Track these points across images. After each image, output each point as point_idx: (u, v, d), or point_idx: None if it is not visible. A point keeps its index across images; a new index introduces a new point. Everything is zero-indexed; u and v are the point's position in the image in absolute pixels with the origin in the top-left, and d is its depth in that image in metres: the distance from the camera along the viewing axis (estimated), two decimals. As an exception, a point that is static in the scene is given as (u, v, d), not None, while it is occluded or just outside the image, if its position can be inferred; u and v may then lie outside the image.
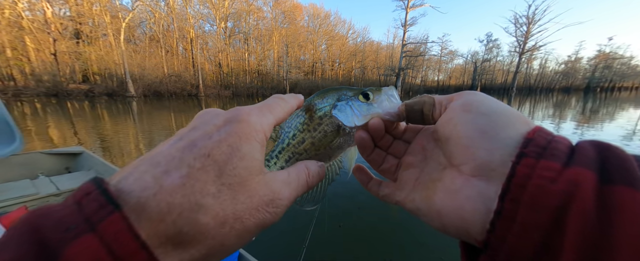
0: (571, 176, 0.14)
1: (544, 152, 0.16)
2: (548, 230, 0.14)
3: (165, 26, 27.03)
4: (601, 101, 19.53)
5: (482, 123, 0.20)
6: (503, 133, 0.19)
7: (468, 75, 52.84)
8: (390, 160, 0.29)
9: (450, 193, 0.20)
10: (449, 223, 0.20)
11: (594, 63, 53.24)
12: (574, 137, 5.65)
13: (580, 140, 0.17)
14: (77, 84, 19.12)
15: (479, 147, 0.19)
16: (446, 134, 0.22)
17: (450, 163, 0.21)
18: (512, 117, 0.20)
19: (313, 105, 0.31)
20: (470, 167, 0.19)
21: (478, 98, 0.21)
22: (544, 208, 0.14)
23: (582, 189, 0.14)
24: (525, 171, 0.16)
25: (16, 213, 1.37)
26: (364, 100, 0.29)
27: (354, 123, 0.29)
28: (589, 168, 0.14)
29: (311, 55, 40.64)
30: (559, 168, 0.15)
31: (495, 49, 48.67)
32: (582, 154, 0.16)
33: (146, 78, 21.90)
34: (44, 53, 18.51)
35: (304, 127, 0.31)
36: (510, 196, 0.16)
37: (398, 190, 0.26)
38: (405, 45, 33.50)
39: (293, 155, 0.31)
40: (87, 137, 5.68)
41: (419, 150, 0.27)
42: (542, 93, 44.84)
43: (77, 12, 20.55)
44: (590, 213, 0.13)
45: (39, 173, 1.98)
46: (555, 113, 11.12)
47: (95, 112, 10.44)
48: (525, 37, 37.62)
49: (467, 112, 0.21)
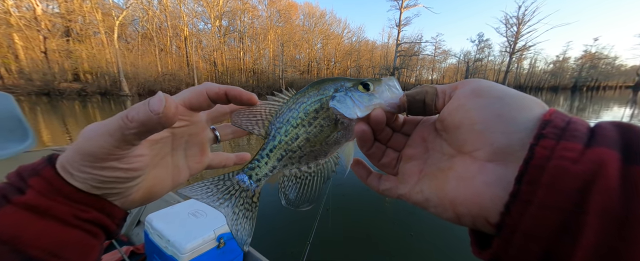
0: (594, 156, 0.14)
1: (564, 133, 0.16)
2: (569, 210, 0.14)
3: (158, 24, 26.51)
4: (588, 100, 20.31)
5: (497, 107, 0.19)
6: (520, 116, 0.18)
7: (461, 75, 53.78)
8: (390, 153, 0.28)
9: (465, 180, 0.19)
10: (464, 212, 0.19)
11: (580, 63, 55.02)
12: None
13: (602, 120, 0.17)
14: (69, 83, 18.61)
15: (495, 131, 0.18)
16: (456, 121, 0.21)
17: (460, 151, 0.21)
18: (526, 99, 0.19)
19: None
20: (487, 152, 0.19)
21: (488, 83, 0.21)
22: (565, 188, 0.14)
23: (607, 168, 0.14)
24: (544, 153, 0.16)
25: None
26: (364, 90, 0.27)
27: (356, 115, 0.27)
28: (612, 148, 0.14)
29: (307, 54, 40.59)
30: (581, 148, 0.15)
31: (487, 48, 49.78)
32: (603, 135, 0.15)
33: (140, 77, 21.52)
34: (34, 51, 17.94)
35: (298, 121, 0.28)
36: (528, 178, 0.16)
37: (401, 183, 0.26)
38: (399, 44, 33.87)
39: (286, 152, 0.29)
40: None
41: (420, 141, 0.26)
42: (531, 92, 46.11)
43: (66, 9, 19.96)
44: (614, 192, 0.13)
45: None
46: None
47: (95, 112, 10.26)
48: (515, 37, 38.59)
49: (480, 97, 0.20)
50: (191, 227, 1.26)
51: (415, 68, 49.89)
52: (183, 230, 1.23)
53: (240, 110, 0.30)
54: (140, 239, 1.60)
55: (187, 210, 1.38)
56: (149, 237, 1.28)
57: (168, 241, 1.20)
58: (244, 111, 0.29)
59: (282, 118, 0.29)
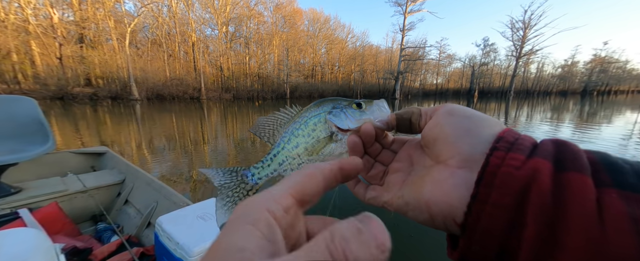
0: (532, 165, 0.18)
1: (512, 146, 0.20)
2: (514, 209, 0.17)
3: (167, 30, 27.33)
4: (598, 104, 19.79)
5: (466, 124, 0.23)
6: (483, 132, 0.22)
7: (466, 79, 53.26)
8: (378, 166, 0.31)
9: (438, 183, 0.22)
10: (437, 212, 0.22)
11: (590, 67, 53.86)
12: (573, 139, 5.82)
13: (546, 138, 0.20)
14: (81, 88, 19.27)
15: (464, 143, 0.22)
16: (434, 136, 0.24)
17: (437, 161, 0.24)
18: (488, 119, 0.23)
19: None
20: (456, 160, 0.22)
21: (459, 106, 0.25)
22: (511, 190, 0.17)
23: (541, 175, 0.17)
24: (496, 161, 0.19)
25: (48, 208, 1.50)
26: (356, 108, 0.32)
27: (348, 126, 0.31)
28: (547, 159, 0.18)
29: (311, 58, 41.02)
30: (524, 158, 0.18)
31: (493, 52, 49.27)
32: (542, 149, 0.19)
33: (149, 81, 22.09)
34: (50, 57, 18.70)
35: (299, 132, 0.33)
36: (484, 182, 0.19)
37: (385, 191, 0.28)
38: (403, 49, 33.93)
39: (286, 158, 0.33)
40: (108, 138, 5.82)
41: (406, 157, 0.29)
42: (539, 96, 45.23)
43: (80, 17, 20.83)
44: (546, 193, 0.16)
45: (67, 171, 2.09)
46: (554, 116, 11.31)
47: (115, 115, 10.59)
48: (521, 41, 38.17)
49: (453, 116, 0.24)
50: (199, 230, 1.29)
51: (420, 73, 49.71)
52: (192, 233, 1.27)
53: (258, 123, 0.35)
54: (150, 241, 1.65)
55: (195, 213, 1.42)
56: (159, 239, 1.32)
57: (177, 244, 1.24)
58: (261, 122, 0.35)
59: (289, 129, 0.33)
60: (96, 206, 1.72)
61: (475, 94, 44.89)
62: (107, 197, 1.86)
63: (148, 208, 1.62)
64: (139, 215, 1.70)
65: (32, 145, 1.58)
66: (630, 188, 0.15)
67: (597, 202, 0.14)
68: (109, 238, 1.57)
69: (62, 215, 1.47)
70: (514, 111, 14.59)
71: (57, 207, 1.46)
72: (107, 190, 1.86)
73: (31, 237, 0.87)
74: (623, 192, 0.15)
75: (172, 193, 1.59)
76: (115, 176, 1.94)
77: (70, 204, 1.65)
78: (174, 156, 4.52)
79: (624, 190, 0.15)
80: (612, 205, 0.14)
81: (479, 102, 25.04)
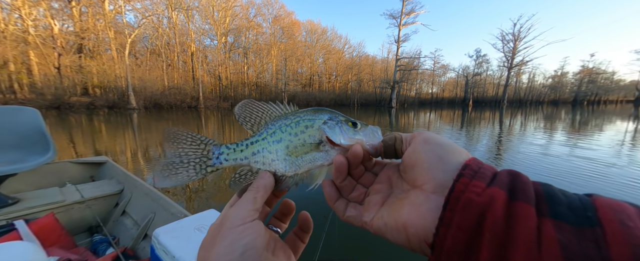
0: (490, 192, 0.20)
1: (476, 174, 0.22)
2: (472, 232, 0.19)
3: (167, 41, 27.73)
4: (589, 113, 20.28)
5: (438, 152, 0.25)
6: (453, 159, 0.24)
7: (460, 88, 54.40)
8: (360, 188, 0.32)
9: (415, 206, 0.24)
10: (412, 233, 0.23)
11: (579, 77, 55.63)
12: (566, 148, 5.97)
13: (503, 169, 0.23)
14: (78, 97, 19.19)
15: (437, 170, 0.24)
16: (412, 161, 0.26)
17: (414, 185, 0.26)
18: (457, 148, 0.25)
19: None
20: (431, 186, 0.24)
21: (433, 135, 0.27)
22: (471, 215, 0.19)
23: (496, 202, 0.19)
24: (461, 188, 0.21)
25: (44, 219, 1.48)
26: (352, 126, 0.32)
27: (339, 141, 0.31)
28: (503, 188, 0.20)
29: (309, 68, 41.71)
30: (484, 186, 0.21)
31: (485, 63, 50.77)
32: (500, 179, 0.21)
33: (147, 90, 22.13)
34: (48, 67, 18.72)
35: (287, 129, 0.32)
36: (450, 206, 0.21)
37: (366, 211, 0.29)
38: (399, 59, 34.80)
39: (262, 150, 0.32)
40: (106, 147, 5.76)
41: (386, 179, 0.31)
42: (532, 105, 46.25)
43: (80, 27, 21.09)
44: (500, 219, 0.18)
45: (66, 181, 2.06)
46: (547, 125, 11.55)
47: (110, 124, 10.50)
48: (512, 52, 39.54)
49: (428, 144, 0.26)
50: (196, 243, 1.28)
51: (416, 82, 50.69)
52: (188, 246, 1.26)
53: (246, 104, 0.33)
54: (146, 253, 1.63)
55: (193, 224, 1.42)
56: (155, 252, 1.31)
57: (173, 258, 1.22)
58: (249, 106, 0.33)
59: (277, 123, 0.33)
60: (93, 217, 1.70)
61: (470, 103, 45.78)
62: (104, 208, 1.84)
63: (145, 220, 1.61)
64: (136, 226, 1.68)
65: (33, 155, 1.59)
66: (563, 218, 0.17)
67: (537, 229, 0.17)
68: (105, 250, 1.55)
69: (58, 227, 1.45)
70: (508, 119, 14.86)
71: (53, 218, 1.45)
72: (105, 201, 1.84)
73: (26, 251, 0.87)
74: (556, 221, 0.17)
75: (170, 203, 1.59)
76: (114, 186, 1.93)
77: (67, 215, 1.63)
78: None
79: (557, 220, 0.17)
80: (547, 232, 0.17)
81: (474, 111, 25.43)
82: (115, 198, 1.90)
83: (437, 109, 31.98)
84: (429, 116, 18.73)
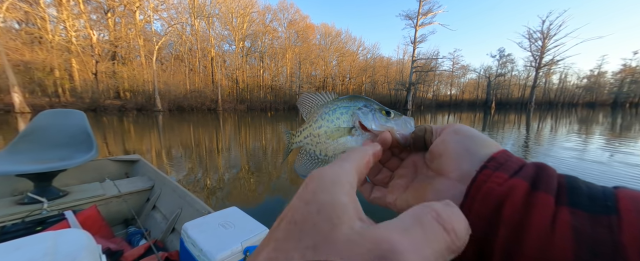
0: (511, 183, 0.21)
1: (500, 166, 0.23)
2: (491, 219, 0.20)
3: (189, 47, 29.42)
4: (633, 117, 18.30)
5: (467, 143, 0.26)
6: (481, 151, 0.25)
7: (482, 90, 51.63)
8: (385, 172, 0.34)
9: (439, 192, 0.25)
10: None
11: (619, 77, 50.53)
12: (605, 154, 5.47)
13: (531, 161, 0.24)
14: (111, 100, 20.96)
15: (464, 160, 0.25)
16: (440, 151, 0.27)
17: (440, 173, 0.27)
18: (488, 140, 0.26)
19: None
20: (456, 175, 0.25)
21: (465, 126, 0.28)
22: (490, 203, 0.21)
23: (516, 192, 0.20)
24: (483, 178, 0.22)
25: (88, 211, 1.64)
26: (384, 114, 0.34)
27: (370, 126, 0.33)
28: (525, 179, 0.21)
29: (322, 70, 41.95)
30: (506, 177, 0.21)
31: (510, 63, 47.87)
32: (524, 170, 0.22)
33: (171, 94, 23.60)
34: (86, 73, 20.68)
35: (326, 116, 0.36)
36: (471, 194, 0.22)
37: (390, 193, 0.31)
38: (415, 60, 33.89)
39: (309, 135, 0.38)
40: (138, 146, 6.24)
41: (411, 164, 0.32)
42: (564, 108, 42.60)
43: (114, 36, 23.07)
44: (518, 206, 0.19)
45: (105, 176, 2.25)
46: (581, 129, 10.61)
47: (138, 125, 11.36)
48: (541, 51, 36.91)
49: (457, 134, 0.27)
50: (221, 238, 1.35)
51: (433, 84, 49.03)
52: (214, 240, 1.32)
53: (303, 99, 0.40)
54: (173, 246, 1.74)
55: (217, 220, 1.49)
56: (184, 245, 1.40)
57: (201, 251, 1.30)
58: (304, 99, 0.40)
59: (320, 111, 0.37)
60: (128, 210, 1.85)
61: (493, 105, 43.31)
62: (137, 202, 1.99)
63: (173, 214, 1.73)
64: (164, 220, 1.80)
65: (80, 153, 1.77)
66: (580, 206, 0.18)
67: (553, 216, 0.18)
68: (138, 241, 1.68)
69: (100, 218, 1.60)
70: (536, 122, 13.85)
71: (96, 210, 1.61)
72: (138, 196, 1.99)
73: (82, 238, 0.97)
74: (573, 208, 0.18)
75: (195, 200, 1.69)
76: (146, 182, 2.09)
77: (106, 208, 1.79)
78: (190, 164, 4.73)
79: (574, 208, 0.18)
80: (562, 217, 0.18)
81: (497, 114, 24.00)
82: (147, 194, 2.05)
83: (456, 111, 30.62)
84: (447, 118, 17.98)
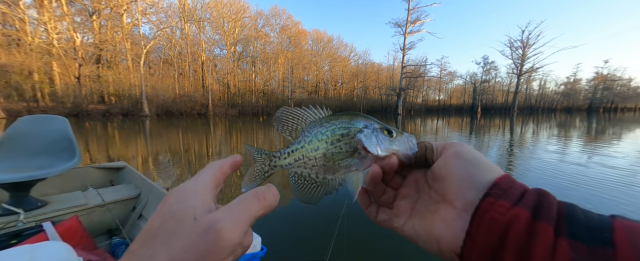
0: (515, 212, 0.21)
1: (503, 193, 0.23)
2: (496, 246, 0.21)
3: (179, 50, 28.92)
4: (606, 121, 19.50)
5: (470, 170, 0.26)
6: (484, 178, 0.25)
7: (468, 95, 53.63)
8: (389, 191, 0.33)
9: (447, 223, 0.26)
10: (445, 247, 0.25)
11: (593, 84, 53.95)
12: (583, 156, 5.76)
13: (533, 188, 0.24)
14: (95, 105, 20.09)
15: (468, 188, 0.25)
16: (443, 174, 0.27)
17: (444, 199, 0.27)
18: (489, 165, 0.26)
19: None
20: (461, 203, 0.25)
21: (465, 148, 0.28)
22: (494, 231, 0.21)
23: (519, 221, 0.21)
24: (486, 207, 0.23)
25: (68, 222, 1.55)
26: (387, 135, 0.32)
27: (377, 152, 0.31)
28: (527, 208, 0.21)
29: (314, 75, 42.32)
30: (509, 206, 0.22)
31: (493, 70, 50.11)
32: (526, 198, 0.22)
33: (159, 98, 22.94)
34: (68, 76, 19.80)
35: (323, 137, 0.33)
36: (476, 222, 0.23)
37: (396, 216, 0.31)
38: (404, 67, 34.87)
39: (302, 157, 0.34)
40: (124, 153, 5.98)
41: (413, 183, 0.32)
42: (544, 113, 44.87)
43: (100, 39, 22.35)
44: (521, 236, 0.20)
45: (88, 185, 2.14)
46: (560, 133, 11.18)
47: (114, 131, 10.90)
48: (521, 59, 38.98)
49: (459, 159, 0.27)
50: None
51: (422, 89, 50.41)
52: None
53: (283, 114, 0.36)
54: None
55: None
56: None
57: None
58: (284, 115, 0.36)
59: (313, 130, 0.34)
60: (112, 220, 1.77)
61: (479, 110, 44.97)
62: (122, 211, 1.91)
63: None
64: None
65: (61, 161, 1.68)
66: (578, 238, 0.19)
67: (552, 247, 0.19)
68: (122, 252, 1.61)
69: (81, 229, 1.52)
70: (519, 127, 14.48)
71: (77, 221, 1.53)
72: (123, 205, 1.91)
73: (61, 251, 0.93)
74: (572, 241, 0.19)
75: None
76: (132, 190, 2.01)
77: (88, 218, 1.71)
78: (179, 170, 4.60)
79: (572, 240, 0.19)
80: (561, 251, 0.18)
81: (483, 118, 24.92)
82: (133, 202, 1.97)
83: (444, 116, 31.53)
84: (437, 123, 18.46)
